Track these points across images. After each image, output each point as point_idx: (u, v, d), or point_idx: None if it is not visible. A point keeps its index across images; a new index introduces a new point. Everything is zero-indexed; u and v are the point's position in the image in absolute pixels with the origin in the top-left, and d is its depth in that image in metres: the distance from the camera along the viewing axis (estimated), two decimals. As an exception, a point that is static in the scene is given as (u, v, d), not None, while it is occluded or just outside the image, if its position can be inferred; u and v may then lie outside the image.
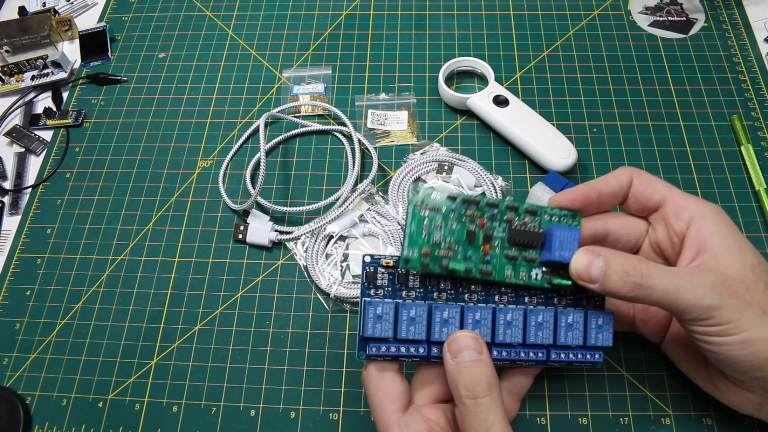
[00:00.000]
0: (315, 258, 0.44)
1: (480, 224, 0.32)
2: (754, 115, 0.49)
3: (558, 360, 0.32)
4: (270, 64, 0.56)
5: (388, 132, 0.50)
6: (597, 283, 0.29)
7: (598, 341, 0.32)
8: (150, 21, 0.60)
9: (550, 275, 0.32)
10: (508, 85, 0.52)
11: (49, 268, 0.46)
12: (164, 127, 0.52)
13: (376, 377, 0.31)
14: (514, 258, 0.32)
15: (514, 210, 0.32)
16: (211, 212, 0.48)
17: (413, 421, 0.30)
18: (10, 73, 0.57)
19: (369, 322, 0.30)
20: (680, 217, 0.32)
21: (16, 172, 0.52)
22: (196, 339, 0.42)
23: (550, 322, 0.32)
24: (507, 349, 0.32)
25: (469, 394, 0.28)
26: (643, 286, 0.28)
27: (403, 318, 0.31)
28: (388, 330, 0.31)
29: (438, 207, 0.32)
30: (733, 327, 0.28)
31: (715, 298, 0.28)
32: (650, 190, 0.33)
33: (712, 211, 0.31)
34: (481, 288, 0.33)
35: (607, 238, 0.35)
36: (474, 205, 0.32)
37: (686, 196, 0.32)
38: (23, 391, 0.41)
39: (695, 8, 0.56)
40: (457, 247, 0.32)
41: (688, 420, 0.37)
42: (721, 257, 0.30)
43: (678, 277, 0.28)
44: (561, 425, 0.38)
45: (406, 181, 0.47)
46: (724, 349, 0.29)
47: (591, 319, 0.32)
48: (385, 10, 0.58)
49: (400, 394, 0.31)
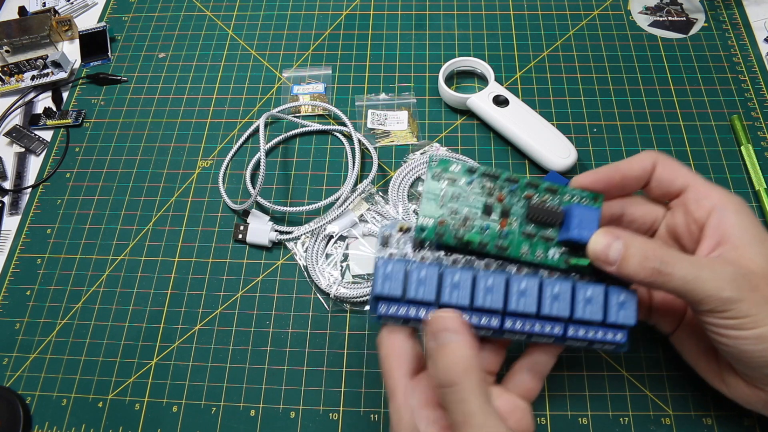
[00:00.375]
0: (315, 258, 0.44)
1: (498, 198, 0.31)
2: (754, 115, 0.49)
3: (576, 337, 0.30)
4: (270, 64, 0.56)
5: (388, 132, 0.50)
6: (614, 266, 0.29)
7: (620, 318, 0.30)
8: (150, 21, 0.60)
9: (567, 255, 0.31)
10: (508, 85, 0.52)
11: (49, 268, 0.46)
12: (164, 127, 0.52)
13: (387, 339, 0.30)
14: (532, 235, 0.31)
15: (533, 187, 0.31)
16: (211, 212, 0.48)
17: (420, 388, 0.29)
18: (10, 73, 0.57)
19: (379, 280, 0.30)
20: (701, 205, 0.31)
21: (16, 172, 0.52)
22: (196, 339, 0.42)
23: (567, 293, 0.30)
24: (521, 320, 0.30)
25: (444, 380, 0.27)
26: (662, 272, 0.28)
27: (413, 279, 0.30)
28: (397, 289, 0.30)
29: (456, 178, 0.31)
30: (750, 321, 0.27)
31: (734, 291, 0.27)
32: (673, 174, 0.32)
33: (735, 201, 0.31)
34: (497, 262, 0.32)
35: (621, 219, 0.34)
36: (493, 178, 0.31)
37: (709, 185, 0.32)
38: (23, 391, 0.41)
39: (695, 8, 0.56)
40: (473, 219, 0.31)
41: (688, 420, 0.37)
42: (742, 249, 0.29)
43: (698, 267, 0.28)
44: (561, 425, 0.38)
45: (406, 181, 0.47)
46: (739, 342, 0.28)
47: (612, 294, 0.30)
48: (385, 10, 0.58)
49: (410, 358, 0.30)
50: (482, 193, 0.31)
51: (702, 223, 0.31)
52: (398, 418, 0.28)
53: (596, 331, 0.30)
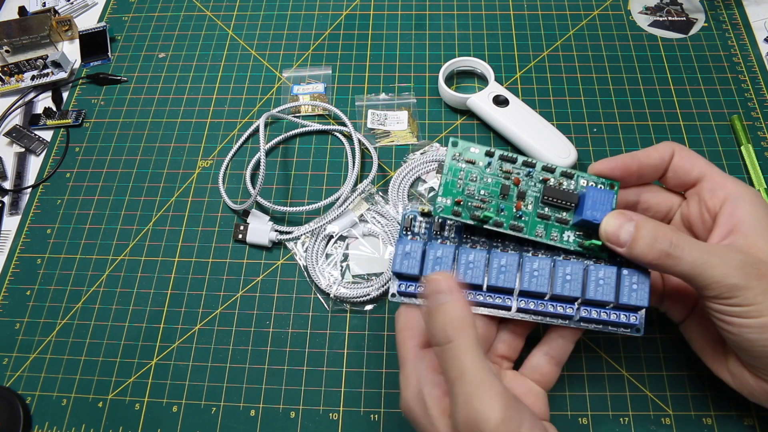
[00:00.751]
0: (315, 258, 0.44)
1: (515, 181, 0.32)
2: (754, 115, 0.49)
3: (590, 318, 0.31)
4: (270, 64, 0.56)
5: (388, 132, 0.50)
6: (625, 247, 0.29)
7: (632, 299, 0.31)
8: (150, 21, 0.60)
9: (582, 238, 0.32)
10: (508, 85, 0.52)
11: (49, 268, 0.46)
12: (164, 127, 0.52)
13: (403, 314, 0.32)
14: (547, 217, 0.32)
15: (550, 171, 0.33)
16: (211, 212, 0.48)
17: (429, 357, 0.30)
18: (10, 73, 0.57)
19: (398, 258, 0.31)
20: (715, 194, 0.31)
21: (16, 172, 0.52)
22: (196, 339, 0.42)
23: (579, 274, 0.31)
24: (534, 300, 0.31)
25: (440, 339, 0.27)
26: (671, 255, 0.28)
27: (430, 257, 0.31)
28: (414, 267, 0.31)
29: (475, 161, 0.32)
30: (755, 310, 0.27)
31: (741, 278, 0.27)
32: (689, 164, 0.33)
33: (749, 192, 0.31)
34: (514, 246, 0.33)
35: (637, 206, 0.34)
36: (511, 162, 0.32)
37: (725, 176, 0.32)
38: (23, 391, 0.41)
39: (695, 8, 0.56)
40: (490, 200, 0.32)
41: (688, 420, 0.37)
42: (753, 238, 0.29)
43: (707, 252, 0.28)
44: (561, 425, 0.38)
45: (406, 181, 0.47)
46: (743, 331, 0.28)
47: (625, 277, 0.31)
48: (385, 10, 0.58)
49: (422, 330, 0.31)
50: (500, 175, 0.32)
51: (715, 212, 0.31)
52: (407, 383, 0.30)
53: (610, 314, 0.31)
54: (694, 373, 0.39)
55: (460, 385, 0.26)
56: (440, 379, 0.29)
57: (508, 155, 0.32)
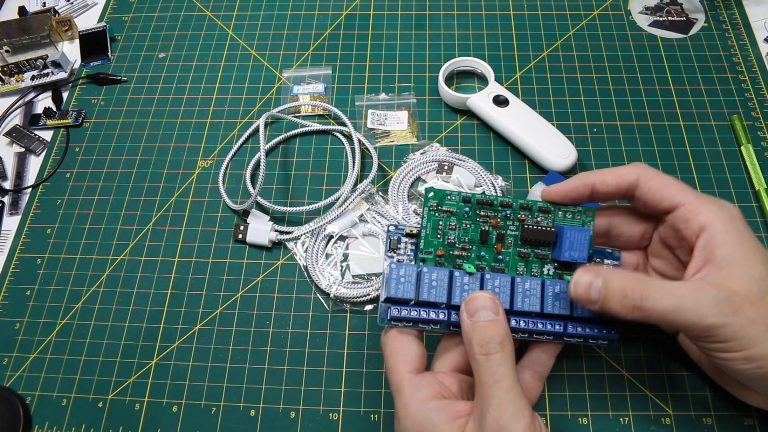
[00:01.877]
0: (315, 258, 0.44)
1: (493, 224, 0.33)
2: (754, 115, 0.49)
3: (575, 333, 0.32)
4: (270, 64, 0.56)
5: (388, 132, 0.50)
6: (597, 305, 0.29)
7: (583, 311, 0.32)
8: (150, 21, 0.60)
9: (561, 271, 0.33)
10: (508, 85, 0.52)
11: (49, 268, 0.46)
12: (164, 127, 0.52)
13: (393, 339, 0.32)
14: (527, 255, 0.33)
15: (527, 209, 0.33)
16: (211, 212, 0.48)
17: (426, 382, 0.30)
18: (10, 73, 0.57)
19: (392, 282, 0.31)
20: (689, 225, 0.31)
21: (16, 172, 0.52)
22: (196, 339, 0.42)
23: (566, 293, 0.32)
24: (525, 318, 0.32)
25: (481, 351, 0.28)
26: (643, 308, 0.28)
27: (425, 281, 0.32)
28: (410, 291, 0.31)
29: (452, 209, 0.33)
30: (737, 344, 0.28)
31: (717, 317, 0.27)
32: (659, 195, 0.32)
33: (724, 218, 0.30)
34: None
35: (609, 233, 0.34)
36: (488, 206, 0.33)
37: (699, 201, 0.31)
38: (23, 391, 0.41)
39: (695, 8, 0.56)
40: (471, 247, 0.33)
41: (688, 420, 0.37)
42: (726, 270, 0.29)
43: (678, 296, 0.28)
44: (561, 425, 0.38)
45: (406, 181, 0.47)
46: (730, 363, 0.28)
47: None
48: (385, 10, 0.58)
49: (415, 356, 0.31)
50: (478, 219, 0.33)
51: (692, 243, 0.31)
52: (406, 411, 0.30)
53: (593, 328, 0.33)
54: (694, 373, 0.39)
55: (497, 390, 0.27)
56: (445, 403, 0.29)
57: (485, 199, 0.33)
